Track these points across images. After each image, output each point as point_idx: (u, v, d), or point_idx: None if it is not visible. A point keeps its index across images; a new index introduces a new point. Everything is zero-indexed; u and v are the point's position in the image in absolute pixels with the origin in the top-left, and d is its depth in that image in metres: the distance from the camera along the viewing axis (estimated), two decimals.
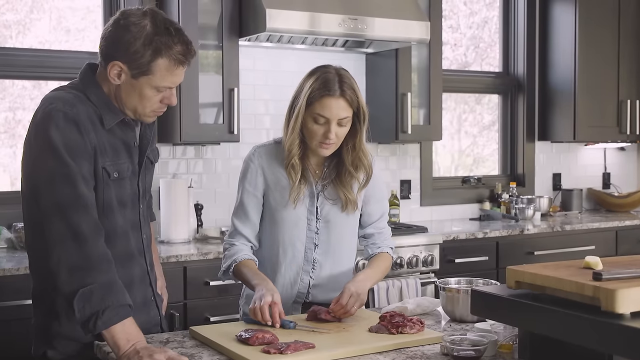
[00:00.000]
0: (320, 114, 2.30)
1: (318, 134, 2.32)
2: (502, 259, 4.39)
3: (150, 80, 2.03)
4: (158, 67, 2.01)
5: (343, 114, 2.31)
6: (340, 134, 2.34)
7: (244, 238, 2.46)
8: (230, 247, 2.45)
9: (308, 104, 2.31)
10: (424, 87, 4.55)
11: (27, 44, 3.90)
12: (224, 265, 2.43)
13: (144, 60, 2.00)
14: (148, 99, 2.06)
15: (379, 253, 2.53)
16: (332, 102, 2.29)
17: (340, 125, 2.32)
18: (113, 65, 2.03)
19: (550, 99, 5.33)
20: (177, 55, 2.03)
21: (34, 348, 2.13)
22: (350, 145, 2.40)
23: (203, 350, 2.00)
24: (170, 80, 2.05)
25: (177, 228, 3.82)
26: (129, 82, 2.04)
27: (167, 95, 2.09)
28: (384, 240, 2.56)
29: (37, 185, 1.95)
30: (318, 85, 2.30)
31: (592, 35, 5.14)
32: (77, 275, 1.88)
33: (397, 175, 4.86)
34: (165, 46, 2.01)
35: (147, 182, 2.27)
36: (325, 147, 2.34)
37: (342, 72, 2.34)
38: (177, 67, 2.05)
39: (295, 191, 2.38)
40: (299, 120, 2.33)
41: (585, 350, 1.63)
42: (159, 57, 2.01)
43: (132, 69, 2.02)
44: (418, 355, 1.95)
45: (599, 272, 1.64)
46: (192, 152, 4.16)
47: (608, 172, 5.82)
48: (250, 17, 3.78)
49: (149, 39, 1.99)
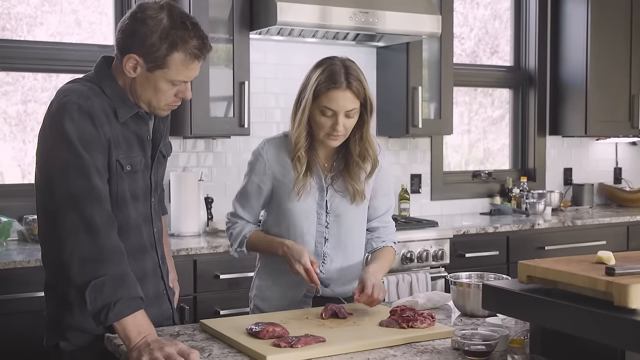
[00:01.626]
0: (327, 107, 2.30)
1: (326, 126, 2.32)
2: (513, 254, 4.38)
3: (166, 74, 2.03)
4: (174, 61, 2.02)
5: (350, 105, 2.30)
6: (348, 126, 2.33)
7: (244, 220, 2.50)
8: (233, 225, 2.52)
9: (315, 97, 2.31)
10: (434, 81, 4.54)
11: (39, 37, 3.90)
12: (236, 243, 2.49)
13: (160, 53, 2.00)
14: (163, 92, 2.07)
15: (384, 247, 2.53)
16: (339, 95, 2.29)
17: (348, 116, 2.32)
18: (129, 58, 2.03)
19: (561, 94, 5.31)
20: (192, 50, 2.03)
21: (46, 339, 2.14)
22: (358, 136, 2.40)
23: (213, 344, 2.00)
24: (185, 75, 2.06)
25: (187, 221, 3.82)
26: (145, 75, 2.04)
27: (182, 90, 2.09)
28: (388, 234, 2.57)
29: (51, 177, 1.96)
30: (324, 78, 2.30)
31: (604, 29, 5.10)
32: (89, 266, 1.89)
33: (407, 170, 4.85)
34: (182, 40, 2.01)
35: (159, 175, 2.27)
36: (333, 138, 2.34)
37: (348, 64, 2.33)
38: (192, 62, 2.05)
39: (300, 182, 2.38)
40: (305, 112, 2.33)
41: (598, 346, 1.62)
42: (174, 51, 2.01)
43: (147, 62, 2.02)
44: (429, 349, 1.95)
45: (611, 267, 1.63)
46: (203, 146, 4.16)
47: (619, 167, 5.79)
48: (261, 10, 3.77)
49: (166, 33, 2.00)
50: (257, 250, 2.48)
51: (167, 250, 2.44)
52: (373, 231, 2.55)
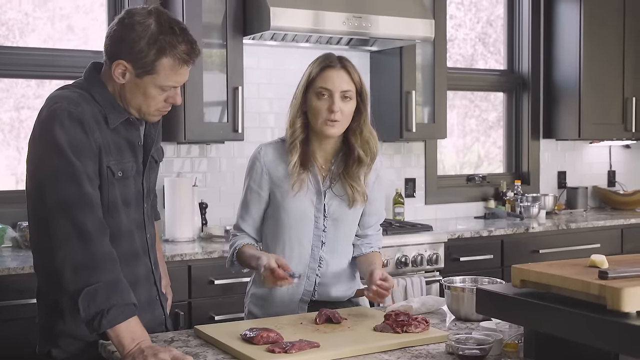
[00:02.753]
0: (322, 87, 2.32)
1: (322, 109, 2.32)
2: (507, 258, 4.38)
3: (155, 79, 2.03)
4: (162, 67, 2.01)
5: (345, 86, 2.33)
6: (345, 111, 2.34)
7: (244, 233, 2.49)
8: (232, 237, 2.51)
9: (310, 82, 2.35)
10: (428, 85, 4.55)
11: (31, 43, 3.90)
12: (229, 256, 2.48)
13: (149, 59, 2.00)
14: (152, 98, 2.06)
15: (373, 252, 2.54)
16: (333, 73, 2.33)
17: (345, 98, 2.33)
18: (117, 64, 2.03)
19: (555, 97, 5.32)
20: (181, 55, 2.03)
21: (38, 347, 2.13)
22: (357, 129, 2.41)
23: (208, 350, 1.99)
24: (174, 80, 2.05)
25: (181, 227, 3.82)
26: (134, 81, 2.04)
27: (172, 95, 2.09)
28: (377, 240, 2.58)
29: (42, 184, 1.96)
30: (318, 63, 2.36)
31: (597, 32, 5.11)
32: (82, 274, 1.88)
33: (401, 174, 4.85)
34: (170, 45, 2.01)
35: (151, 181, 2.27)
36: (330, 125, 2.33)
37: (342, 56, 2.40)
38: (181, 67, 2.05)
39: (294, 175, 2.37)
40: (299, 97, 2.37)
41: (591, 349, 1.62)
42: (163, 57, 2.01)
43: (136, 68, 2.02)
44: (423, 354, 1.95)
45: (604, 270, 1.64)
46: (197, 151, 4.16)
47: (613, 170, 5.80)
48: (255, 15, 3.77)
49: (154, 38, 1.99)
50: (244, 265, 2.44)
51: (160, 256, 2.44)
52: (363, 237, 2.55)
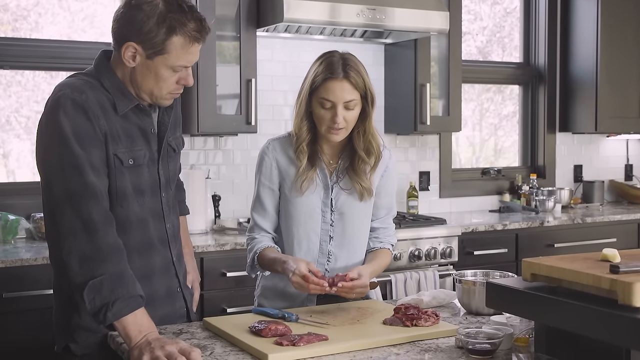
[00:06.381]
0: (325, 98, 2.29)
1: (326, 118, 2.31)
2: (522, 252, 4.35)
3: (166, 59, 2.00)
4: (173, 46, 1.98)
5: (348, 96, 2.29)
6: (349, 119, 2.32)
7: (263, 231, 2.45)
8: (251, 241, 2.45)
9: (313, 89, 2.31)
10: (443, 77, 4.52)
11: (46, 35, 3.90)
12: (249, 260, 2.44)
13: (159, 39, 1.97)
14: (164, 80, 2.03)
15: (380, 248, 2.51)
16: (336, 85, 2.28)
17: (348, 108, 2.30)
18: (127, 46, 1.99)
19: (571, 90, 5.27)
20: (191, 32, 1.99)
21: (56, 344, 2.12)
22: (361, 130, 2.38)
23: (216, 342, 1.99)
24: (185, 59, 2.02)
25: (194, 219, 3.81)
26: (144, 63, 2.01)
27: (183, 76, 2.06)
28: (387, 236, 2.54)
29: (49, 174, 1.96)
30: (321, 70, 2.30)
31: (614, 24, 5.06)
32: (87, 266, 1.87)
33: (416, 167, 4.83)
34: (179, 23, 1.97)
35: (170, 170, 2.23)
36: (334, 132, 2.32)
37: (346, 56, 2.33)
38: (192, 45, 2.01)
39: (303, 176, 2.36)
40: (303, 103, 2.33)
41: (602, 344, 1.61)
42: (173, 35, 1.97)
43: (146, 49, 1.99)
44: (432, 348, 1.93)
45: (616, 264, 1.62)
46: (211, 143, 4.16)
47: (630, 164, 5.75)
48: (268, 7, 3.76)
49: (162, 17, 1.96)
50: (266, 268, 2.40)
51: (188, 251, 2.41)
52: (372, 231, 2.53)
